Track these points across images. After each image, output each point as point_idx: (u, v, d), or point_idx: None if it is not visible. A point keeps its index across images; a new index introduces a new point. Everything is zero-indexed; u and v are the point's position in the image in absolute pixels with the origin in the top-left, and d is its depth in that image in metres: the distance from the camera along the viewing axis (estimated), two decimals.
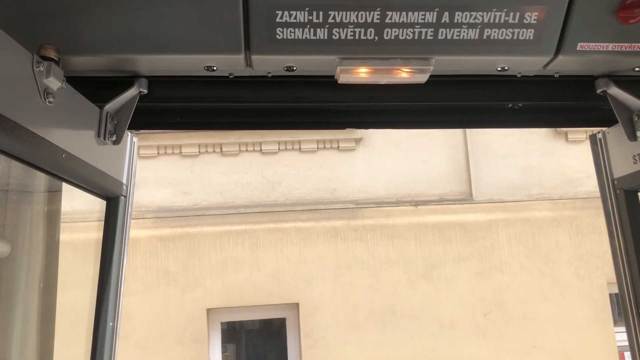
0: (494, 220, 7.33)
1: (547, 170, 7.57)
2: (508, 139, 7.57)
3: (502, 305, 7.13)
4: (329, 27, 1.82)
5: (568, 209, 7.42)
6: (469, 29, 1.85)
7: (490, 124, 2.50)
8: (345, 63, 1.90)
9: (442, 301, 7.08)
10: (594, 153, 2.47)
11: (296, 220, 7.18)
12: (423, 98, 2.22)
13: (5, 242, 2.30)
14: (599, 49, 1.93)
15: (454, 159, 7.54)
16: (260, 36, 1.82)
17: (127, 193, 2.24)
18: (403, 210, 7.29)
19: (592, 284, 7.24)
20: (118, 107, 2.03)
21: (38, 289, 2.42)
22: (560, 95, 2.24)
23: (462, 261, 7.19)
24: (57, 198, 2.53)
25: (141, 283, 6.81)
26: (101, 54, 1.84)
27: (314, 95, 2.18)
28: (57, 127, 1.71)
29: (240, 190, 7.30)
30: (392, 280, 7.10)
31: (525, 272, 7.21)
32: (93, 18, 1.77)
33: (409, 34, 1.85)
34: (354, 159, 7.48)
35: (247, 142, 7.35)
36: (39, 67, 1.60)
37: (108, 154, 2.09)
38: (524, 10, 1.84)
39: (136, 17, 1.78)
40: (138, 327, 6.66)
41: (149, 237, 6.96)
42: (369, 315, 7.00)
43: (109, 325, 2.09)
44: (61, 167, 1.79)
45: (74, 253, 2.82)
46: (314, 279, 7.04)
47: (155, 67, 1.98)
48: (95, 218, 2.32)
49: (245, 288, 6.97)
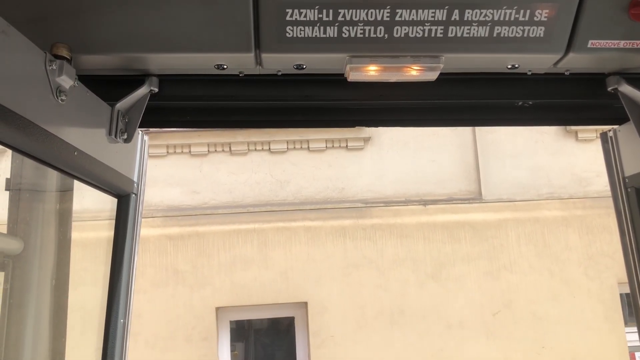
0: (503, 219, 7.30)
1: (556, 170, 7.52)
2: (517, 138, 7.54)
3: (511, 305, 7.10)
4: (339, 25, 1.82)
5: (578, 208, 7.38)
6: (479, 27, 1.85)
7: (501, 122, 2.49)
8: (355, 61, 1.90)
9: (451, 301, 7.06)
10: (604, 151, 2.45)
11: (304, 220, 7.19)
12: (433, 96, 2.22)
13: (19, 239, 2.33)
14: (610, 47, 1.92)
15: (462, 158, 7.51)
16: (270, 35, 1.83)
17: (137, 191, 2.26)
18: (412, 209, 7.28)
19: (602, 284, 7.19)
20: (129, 105, 2.04)
21: (50, 286, 2.44)
22: (571, 93, 2.23)
23: (471, 261, 7.17)
24: (68, 196, 2.55)
25: (150, 282, 6.85)
26: (113, 52, 1.86)
27: (323, 93, 2.18)
28: (69, 125, 1.73)
29: (248, 189, 7.31)
30: (401, 279, 7.09)
31: (535, 272, 7.18)
32: (105, 17, 1.78)
33: (419, 31, 1.85)
34: (362, 158, 7.47)
35: (256, 142, 7.36)
36: (51, 66, 1.61)
37: (119, 152, 2.11)
38: (534, 8, 1.83)
39: (147, 17, 1.79)
40: (147, 326, 6.70)
41: (158, 236, 6.99)
42: (378, 315, 7.00)
43: (120, 322, 2.10)
44: (73, 164, 1.81)
45: (85, 251, 2.84)
46: (323, 278, 7.04)
47: (166, 66, 1.99)
48: (105, 217, 2.34)
49: (254, 287, 6.99)
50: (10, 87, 1.43)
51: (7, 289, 2.29)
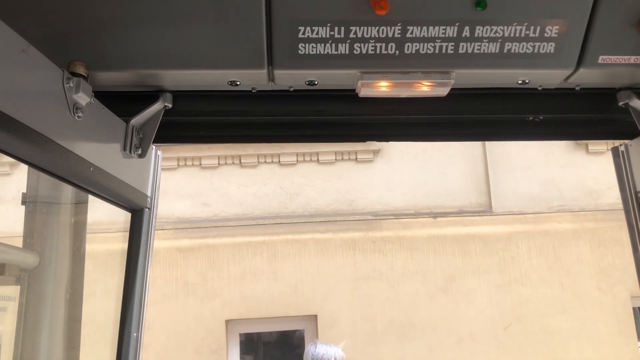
0: (513, 232, 7.26)
1: (567, 182, 7.49)
2: (528, 151, 7.52)
3: (522, 318, 7.04)
4: (350, 42, 1.84)
5: (589, 221, 7.33)
6: (489, 43, 1.87)
7: (511, 137, 2.49)
8: (366, 77, 1.92)
9: (461, 314, 7.02)
10: (616, 166, 2.45)
11: (314, 232, 7.19)
12: (443, 111, 2.23)
13: (34, 254, 2.36)
14: (621, 62, 1.92)
15: (473, 170, 7.50)
16: (282, 51, 1.85)
17: (151, 205, 2.28)
18: (422, 222, 7.26)
19: (614, 298, 7.12)
20: (143, 121, 2.07)
21: (64, 299, 2.47)
22: (582, 108, 2.23)
23: (482, 273, 7.13)
24: (83, 209, 2.58)
25: (160, 294, 6.86)
26: (128, 69, 1.89)
27: (335, 108, 2.20)
28: (85, 141, 1.76)
29: (258, 202, 7.33)
30: (411, 292, 7.06)
31: (546, 285, 7.12)
32: (120, 35, 1.82)
33: (430, 48, 1.86)
34: (372, 170, 7.48)
35: (266, 154, 7.40)
36: (69, 83, 1.64)
37: (133, 167, 2.13)
38: (544, 24, 1.84)
39: (162, 34, 1.82)
40: (157, 338, 6.70)
41: (168, 248, 7.02)
42: (388, 328, 6.96)
43: (133, 335, 2.12)
44: (88, 180, 1.83)
45: (97, 263, 2.86)
46: (332, 291, 7.03)
47: (180, 82, 2.02)
48: (117, 229, 2.36)
49: (264, 299, 6.98)
50: (29, 105, 1.46)
51: (22, 302, 2.32)
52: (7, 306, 2.37)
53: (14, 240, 2.50)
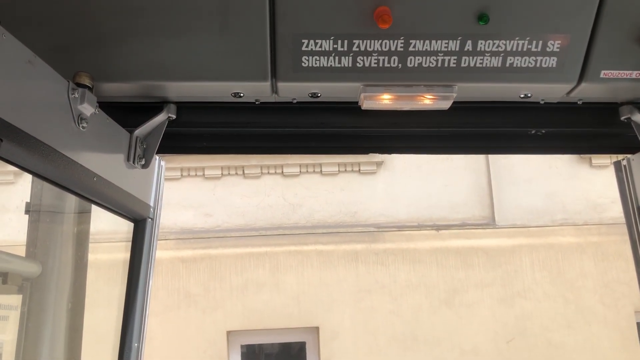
0: (517, 245, 7.24)
1: (571, 195, 7.47)
2: (531, 163, 7.51)
3: (525, 332, 6.99)
4: (354, 55, 1.86)
5: (593, 235, 7.30)
6: (491, 57, 1.88)
7: (514, 150, 2.50)
8: (369, 90, 1.94)
9: (464, 327, 6.98)
10: (618, 180, 2.45)
11: (317, 243, 7.18)
12: (446, 124, 2.24)
13: (37, 263, 2.36)
14: (623, 77, 1.93)
15: (476, 183, 7.49)
16: (286, 64, 1.87)
17: (154, 215, 2.29)
18: (425, 234, 7.25)
19: (618, 312, 7.07)
20: (147, 132, 2.08)
21: (66, 308, 2.47)
22: (584, 122, 2.24)
23: (485, 287, 7.10)
24: (86, 218, 2.59)
25: (162, 304, 6.85)
26: (132, 80, 1.91)
27: (338, 120, 2.21)
28: (89, 151, 1.77)
29: (261, 213, 7.34)
30: (414, 305, 7.03)
31: (549, 299, 7.08)
32: (125, 47, 1.84)
33: (432, 61, 1.88)
34: (375, 182, 7.48)
35: (269, 165, 7.41)
36: (74, 94, 1.66)
37: (137, 178, 2.14)
38: (546, 39, 1.86)
39: (166, 46, 1.84)
40: (159, 349, 6.68)
41: (170, 259, 7.02)
42: (390, 341, 6.92)
43: (134, 346, 2.11)
44: (92, 190, 1.84)
45: (100, 273, 2.87)
46: (335, 303, 7.00)
47: (183, 94, 2.04)
48: (119, 239, 2.37)
49: (266, 311, 6.96)
50: (34, 115, 1.47)
51: (24, 312, 2.32)
52: (9, 315, 2.37)
53: (17, 249, 2.51)
